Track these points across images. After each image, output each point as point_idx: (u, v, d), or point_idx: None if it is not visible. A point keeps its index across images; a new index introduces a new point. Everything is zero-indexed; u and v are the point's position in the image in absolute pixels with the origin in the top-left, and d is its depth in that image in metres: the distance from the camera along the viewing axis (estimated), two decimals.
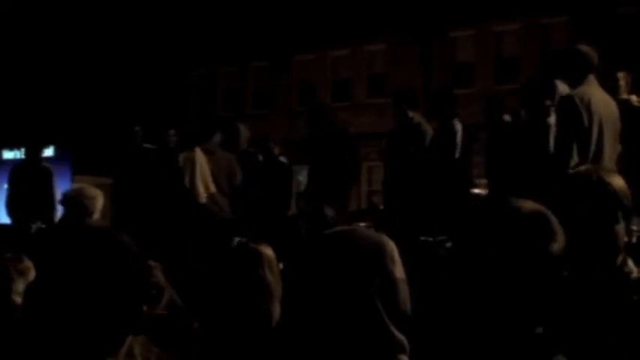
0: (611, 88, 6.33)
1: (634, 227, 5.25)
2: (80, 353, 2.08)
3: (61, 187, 10.21)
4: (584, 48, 5.76)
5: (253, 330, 3.34)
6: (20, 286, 3.66)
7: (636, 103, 6.75)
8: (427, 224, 6.89)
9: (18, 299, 3.57)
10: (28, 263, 3.86)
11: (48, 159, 11.27)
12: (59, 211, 9.41)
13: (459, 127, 7.70)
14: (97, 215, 4.93)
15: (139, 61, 24.87)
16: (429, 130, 7.88)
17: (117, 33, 23.97)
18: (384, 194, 8.67)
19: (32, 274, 3.72)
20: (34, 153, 10.24)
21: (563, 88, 6.18)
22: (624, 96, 6.72)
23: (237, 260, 3.51)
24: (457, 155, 7.62)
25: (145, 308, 2.32)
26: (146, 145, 9.61)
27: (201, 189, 8.07)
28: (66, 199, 5.10)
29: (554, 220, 1.93)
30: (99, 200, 4.96)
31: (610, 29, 18.33)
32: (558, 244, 1.90)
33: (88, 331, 2.09)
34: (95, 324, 2.09)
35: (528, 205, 1.96)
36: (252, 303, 3.36)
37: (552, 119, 6.27)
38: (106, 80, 23.90)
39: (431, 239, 5.88)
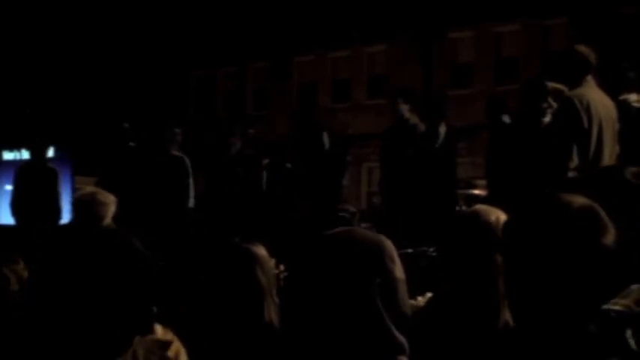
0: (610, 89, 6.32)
1: None
2: (89, 352, 2.09)
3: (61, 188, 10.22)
4: (582, 48, 5.75)
5: (247, 330, 3.33)
6: (16, 287, 3.65)
7: (635, 103, 6.73)
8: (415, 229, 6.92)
9: (14, 300, 3.57)
10: (24, 265, 3.85)
11: (48, 159, 11.24)
12: (65, 212, 9.43)
13: (442, 129, 7.76)
14: (107, 221, 4.75)
15: (139, 61, 24.89)
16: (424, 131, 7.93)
17: (117, 33, 23.98)
18: (381, 195, 8.68)
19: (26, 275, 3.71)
20: (40, 154, 10.24)
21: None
22: (623, 95, 6.71)
23: (229, 260, 3.50)
24: (438, 158, 7.69)
25: (154, 310, 2.32)
26: (132, 144, 9.59)
27: None
28: (77, 203, 4.91)
29: (604, 215, 1.94)
30: (111, 206, 4.78)
31: (610, 30, 18.32)
32: (610, 237, 1.89)
33: (97, 332, 2.09)
34: (105, 324, 2.09)
35: (578, 199, 1.96)
36: (245, 303, 3.36)
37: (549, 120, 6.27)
38: (106, 81, 23.92)
39: (410, 250, 5.70)
